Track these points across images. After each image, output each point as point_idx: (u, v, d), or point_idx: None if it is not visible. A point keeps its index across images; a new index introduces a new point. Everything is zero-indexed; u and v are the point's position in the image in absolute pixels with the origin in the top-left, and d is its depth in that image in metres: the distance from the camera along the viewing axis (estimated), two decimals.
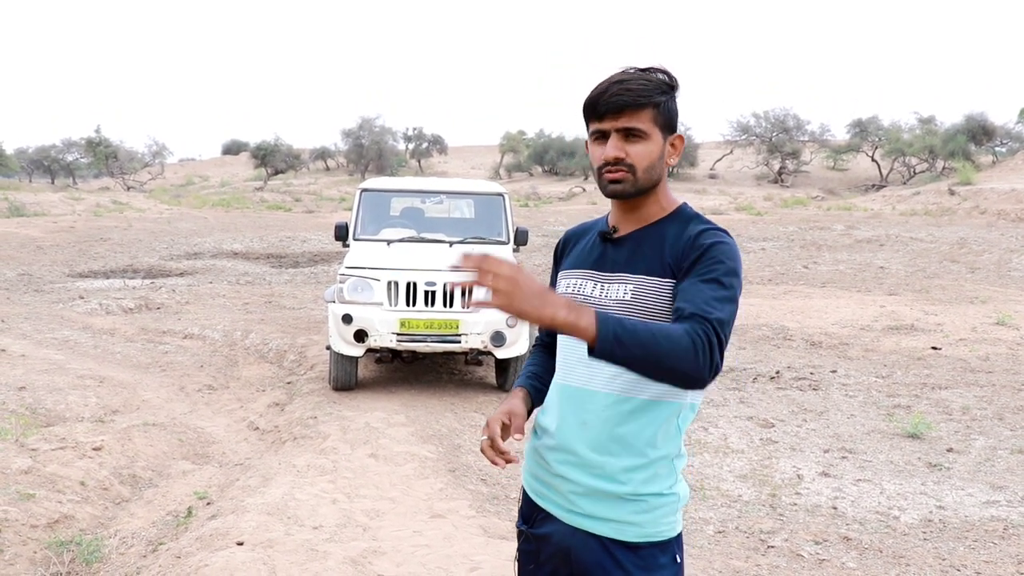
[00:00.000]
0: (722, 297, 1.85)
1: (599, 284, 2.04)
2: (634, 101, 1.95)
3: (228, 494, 5.39)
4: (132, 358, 9.37)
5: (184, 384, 8.39)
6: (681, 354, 1.72)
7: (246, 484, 5.48)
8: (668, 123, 2.01)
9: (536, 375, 2.26)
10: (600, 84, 1.99)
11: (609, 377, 1.98)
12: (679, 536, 2.06)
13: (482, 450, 2.01)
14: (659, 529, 2.01)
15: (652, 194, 2.04)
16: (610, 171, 1.99)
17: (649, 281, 1.97)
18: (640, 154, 1.98)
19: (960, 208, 27.91)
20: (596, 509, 2.01)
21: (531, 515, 2.15)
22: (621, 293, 1.99)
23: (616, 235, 2.08)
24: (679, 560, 2.05)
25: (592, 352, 1.72)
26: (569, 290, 2.10)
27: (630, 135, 1.97)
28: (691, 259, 1.93)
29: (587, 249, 2.14)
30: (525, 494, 2.19)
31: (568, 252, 2.22)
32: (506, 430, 2.05)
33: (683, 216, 2.05)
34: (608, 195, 2.04)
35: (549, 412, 2.12)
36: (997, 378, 8.40)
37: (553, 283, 2.24)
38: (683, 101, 2.07)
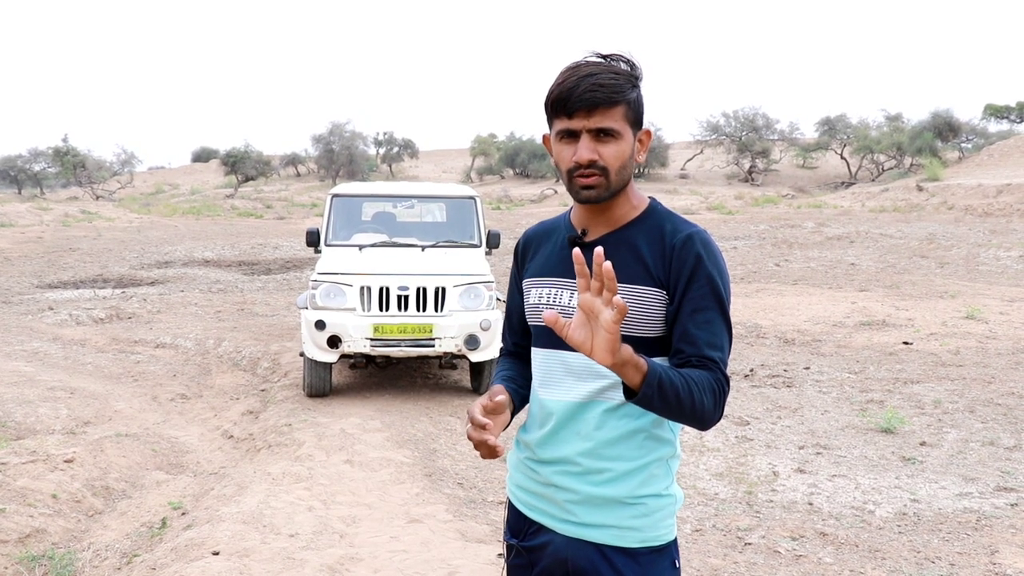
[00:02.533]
0: (724, 331, 1.90)
1: (575, 293, 1.91)
2: (608, 99, 1.83)
3: (203, 504, 5.34)
4: (103, 368, 9.26)
5: (157, 394, 8.31)
6: (707, 407, 1.81)
7: (221, 493, 5.43)
8: (638, 118, 1.91)
9: (512, 379, 2.15)
10: (566, 77, 1.86)
11: (597, 388, 1.93)
12: (675, 541, 2.02)
13: (469, 436, 1.91)
14: (658, 533, 1.96)
15: (623, 194, 1.95)
16: (583, 175, 1.88)
17: (633, 290, 1.89)
18: (613, 155, 1.87)
19: (928, 204, 28.24)
20: (594, 516, 1.95)
21: (520, 527, 2.08)
22: None
23: (587, 239, 1.97)
24: (677, 565, 2.01)
25: (631, 396, 1.75)
26: (543, 300, 2.01)
27: (601, 135, 1.86)
28: (683, 278, 1.89)
29: (555, 254, 2.03)
30: (512, 506, 2.12)
31: (531, 256, 2.12)
32: (490, 414, 1.95)
33: (656, 216, 1.97)
34: (580, 201, 1.94)
35: (533, 427, 2.05)
36: (968, 371, 8.49)
37: (515, 286, 2.16)
38: (652, 101, 2.01)
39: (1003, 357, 9.07)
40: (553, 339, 1.94)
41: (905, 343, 9.82)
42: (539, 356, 2.05)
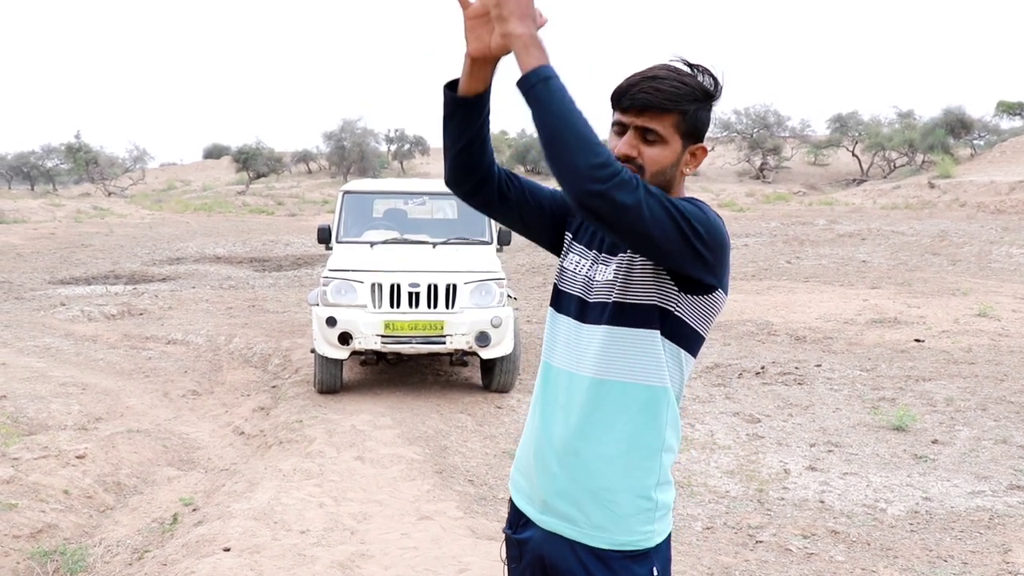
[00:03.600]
0: (669, 202, 1.78)
1: (595, 265, 2.00)
2: (659, 104, 1.86)
3: (214, 500, 5.36)
4: (115, 365, 9.30)
5: (168, 390, 8.34)
6: (588, 147, 1.68)
7: (232, 489, 5.45)
8: (693, 131, 1.92)
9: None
10: (634, 74, 1.90)
11: (588, 359, 1.92)
12: (659, 548, 1.94)
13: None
14: (632, 538, 1.90)
15: None
16: None
17: (631, 258, 1.92)
18: (653, 157, 1.89)
19: (940, 201, 28.10)
20: (567, 507, 1.93)
21: (515, 520, 2.09)
22: (609, 274, 1.95)
23: None
24: (656, 575, 1.93)
25: (519, 81, 1.72)
26: (571, 267, 2.05)
27: (647, 135, 1.89)
28: None
29: (591, 227, 2.06)
30: (512, 498, 2.14)
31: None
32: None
33: None
34: None
35: (536, 396, 2.07)
36: (980, 369, 8.45)
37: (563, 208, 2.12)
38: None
39: (1015, 355, 9.02)
40: (563, 305, 2.02)
41: (917, 340, 9.78)
42: (549, 319, 2.09)
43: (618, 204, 1.69)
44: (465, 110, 1.91)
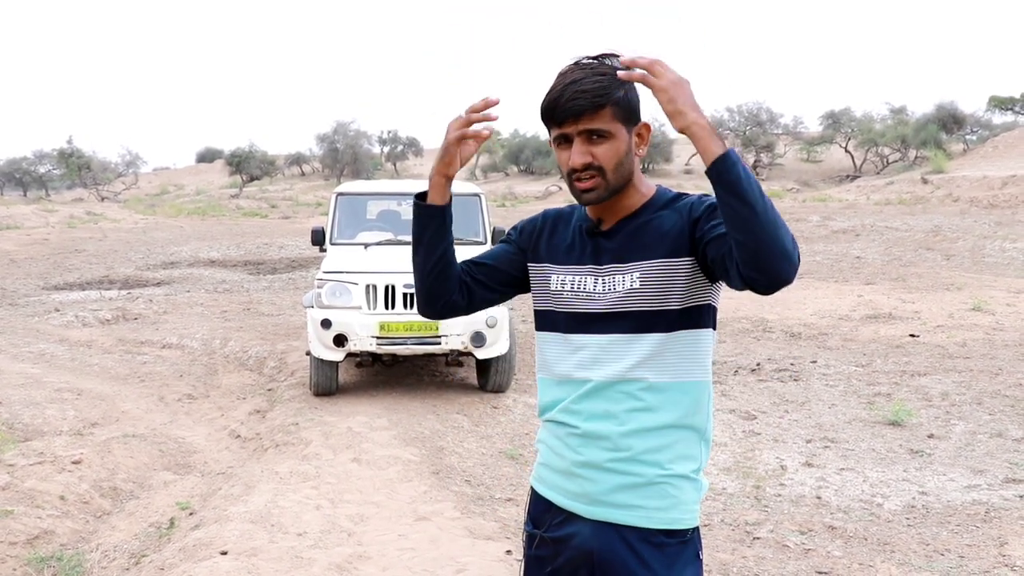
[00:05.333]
0: None
1: (600, 279, 2.00)
2: (591, 104, 1.88)
3: (211, 503, 5.35)
4: (110, 369, 9.28)
5: (164, 394, 8.32)
6: (787, 233, 1.72)
7: (229, 493, 5.44)
8: (630, 115, 1.95)
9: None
10: (553, 87, 1.93)
11: (625, 367, 1.95)
12: (698, 531, 2.04)
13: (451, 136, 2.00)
14: (684, 516, 1.98)
15: (629, 186, 2.00)
16: (580, 179, 1.94)
17: (659, 264, 1.94)
18: (607, 154, 1.92)
19: (933, 196, 28.14)
20: (624, 497, 1.96)
21: (544, 518, 2.08)
22: (628, 283, 1.96)
23: (604, 227, 2.03)
24: (700, 557, 2.04)
25: (719, 160, 1.72)
26: (567, 287, 2.05)
27: (593, 136, 1.91)
28: (701, 214, 1.91)
29: (573, 244, 2.07)
30: (536, 495, 2.12)
31: (546, 236, 2.15)
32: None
33: (667, 195, 2.03)
34: (583, 203, 2.02)
35: (561, 409, 2.06)
36: (975, 363, 8.47)
37: (511, 249, 2.19)
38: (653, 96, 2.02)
39: (1010, 348, 9.04)
40: (567, 324, 2.04)
41: (912, 335, 9.80)
42: (552, 338, 2.09)
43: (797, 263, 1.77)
44: (440, 219, 2.09)
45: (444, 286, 2.14)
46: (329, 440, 6.38)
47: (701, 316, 1.97)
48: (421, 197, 2.10)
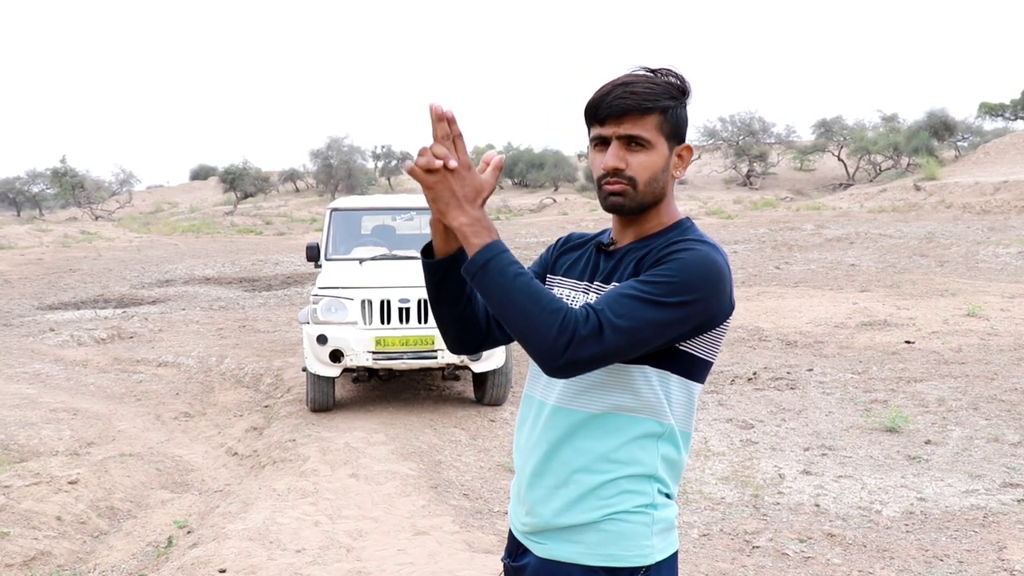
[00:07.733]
0: (635, 298, 1.72)
1: (589, 296, 1.91)
2: (638, 105, 1.80)
3: (208, 521, 5.33)
4: (106, 389, 9.26)
5: (160, 413, 8.30)
6: (539, 326, 1.66)
7: (226, 510, 5.42)
8: (675, 132, 1.87)
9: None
10: (604, 86, 1.85)
11: (571, 393, 1.86)
12: (660, 566, 1.86)
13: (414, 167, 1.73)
14: (629, 552, 1.83)
15: (654, 209, 1.90)
16: (609, 183, 1.85)
17: None
18: (642, 165, 1.83)
19: (926, 203, 28.25)
20: (558, 532, 1.87)
21: (514, 548, 2.02)
22: None
23: (611, 248, 1.95)
24: None
25: (463, 270, 1.74)
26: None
27: (632, 143, 1.83)
28: (651, 263, 1.82)
29: (583, 260, 2.01)
30: (510, 528, 2.09)
31: (564, 256, 2.08)
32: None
33: (678, 229, 1.91)
34: (607, 208, 1.89)
35: (517, 428, 2.02)
36: (970, 369, 8.48)
37: (539, 266, 2.12)
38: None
39: (1005, 353, 9.06)
40: None
41: (907, 342, 9.81)
42: None
43: (590, 360, 1.69)
44: (456, 268, 1.91)
45: (473, 329, 2.03)
46: (327, 456, 6.37)
47: (663, 359, 1.83)
48: (428, 252, 1.94)
